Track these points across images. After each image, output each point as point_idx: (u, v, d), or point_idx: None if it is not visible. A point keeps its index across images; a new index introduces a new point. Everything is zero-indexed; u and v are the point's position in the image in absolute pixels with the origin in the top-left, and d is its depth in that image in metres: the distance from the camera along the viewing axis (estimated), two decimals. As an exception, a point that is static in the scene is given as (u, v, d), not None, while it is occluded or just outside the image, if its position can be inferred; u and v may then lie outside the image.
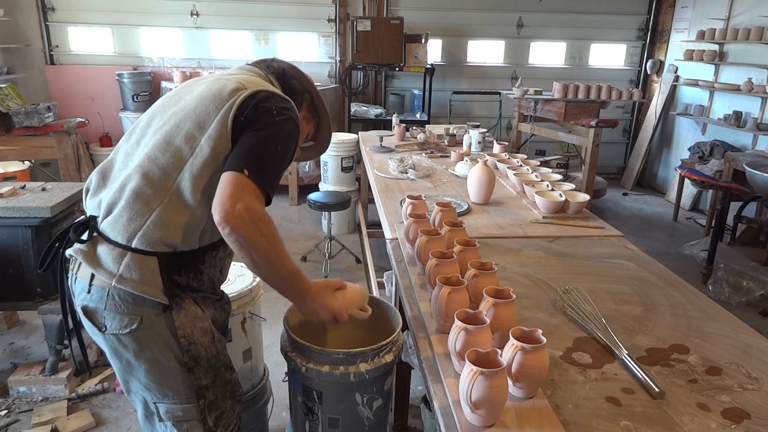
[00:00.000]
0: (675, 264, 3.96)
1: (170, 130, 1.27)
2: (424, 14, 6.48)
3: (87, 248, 1.27)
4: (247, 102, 1.27)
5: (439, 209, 1.87)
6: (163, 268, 1.25)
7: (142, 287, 1.23)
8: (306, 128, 1.54)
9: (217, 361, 1.37)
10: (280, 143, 1.26)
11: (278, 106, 1.29)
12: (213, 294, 1.41)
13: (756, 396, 1.15)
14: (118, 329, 1.26)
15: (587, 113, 5.13)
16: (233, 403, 1.43)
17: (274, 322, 2.77)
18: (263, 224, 1.17)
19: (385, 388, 1.71)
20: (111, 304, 1.25)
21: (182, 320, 1.28)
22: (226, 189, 1.15)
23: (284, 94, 1.39)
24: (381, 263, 3.90)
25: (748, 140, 5.37)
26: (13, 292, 2.53)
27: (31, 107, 4.12)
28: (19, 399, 2.54)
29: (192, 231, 1.26)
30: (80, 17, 6.07)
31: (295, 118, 1.32)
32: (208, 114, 1.26)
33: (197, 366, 1.31)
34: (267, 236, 1.18)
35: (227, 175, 1.17)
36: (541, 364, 1.06)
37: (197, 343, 1.31)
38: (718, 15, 5.75)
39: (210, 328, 1.35)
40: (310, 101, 1.52)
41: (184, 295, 1.29)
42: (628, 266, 1.81)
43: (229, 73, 1.42)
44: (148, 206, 1.23)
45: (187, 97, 1.33)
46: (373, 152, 3.66)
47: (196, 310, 1.32)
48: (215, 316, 1.40)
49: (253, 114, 1.26)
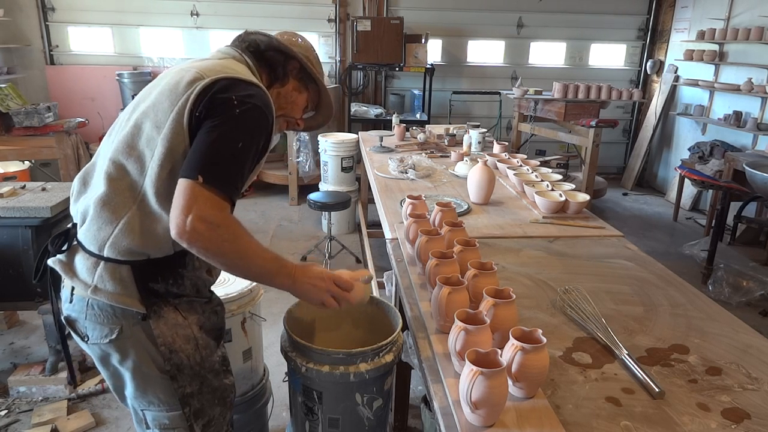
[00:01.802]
0: (675, 264, 3.96)
1: (131, 131, 1.19)
2: (424, 14, 6.48)
3: (66, 258, 1.25)
4: (203, 94, 1.15)
5: (439, 209, 1.87)
6: (137, 276, 1.20)
7: (116, 298, 1.19)
8: (299, 99, 1.42)
9: (202, 368, 1.31)
10: (241, 138, 1.14)
11: (239, 95, 1.16)
12: (198, 297, 1.33)
13: (756, 396, 1.15)
14: (99, 339, 1.23)
15: (587, 113, 5.13)
16: (223, 409, 1.38)
17: (274, 322, 2.77)
18: (222, 230, 1.09)
19: (385, 388, 1.71)
20: (91, 314, 1.22)
21: (162, 328, 1.23)
22: (177, 200, 1.07)
23: (256, 75, 1.29)
24: (381, 263, 3.90)
25: (748, 140, 5.37)
26: (13, 292, 2.53)
27: (31, 107, 4.12)
28: (19, 399, 2.54)
29: (162, 238, 1.19)
30: (80, 17, 6.07)
31: (262, 104, 1.19)
32: (164, 111, 1.16)
33: (180, 374, 1.27)
34: (229, 240, 1.10)
35: (180, 184, 1.08)
36: (541, 364, 1.06)
37: (179, 351, 1.26)
38: (718, 15, 5.75)
39: (193, 335, 1.29)
40: (299, 69, 1.38)
41: (162, 303, 1.24)
42: (628, 266, 1.80)
43: (197, 60, 1.30)
44: (116, 214, 1.18)
45: (153, 92, 1.23)
46: (373, 152, 3.66)
47: (177, 318, 1.26)
48: (202, 321, 1.33)
49: (209, 107, 1.14)
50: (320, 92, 1.45)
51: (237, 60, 1.30)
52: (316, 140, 4.97)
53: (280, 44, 1.36)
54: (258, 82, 1.25)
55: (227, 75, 1.19)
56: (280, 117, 1.39)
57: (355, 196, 4.85)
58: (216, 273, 1.40)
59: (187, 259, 1.27)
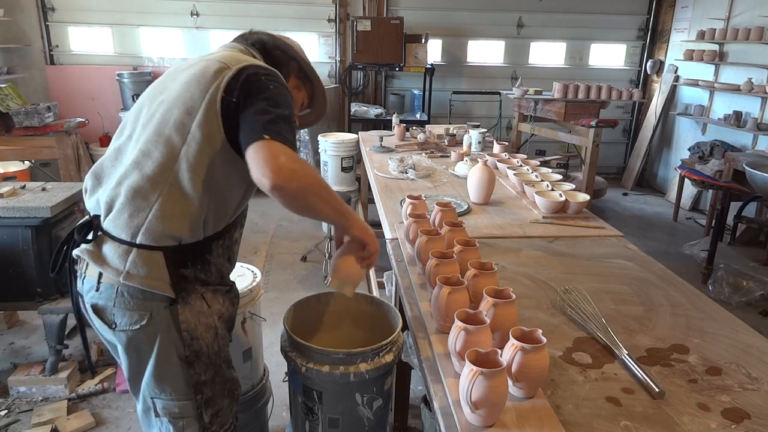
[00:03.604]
0: (675, 264, 3.96)
1: (159, 120, 1.26)
2: (424, 14, 6.48)
3: (92, 248, 1.27)
4: (234, 82, 1.25)
5: (439, 209, 1.87)
6: (169, 262, 1.25)
7: (149, 282, 1.23)
8: (298, 96, 1.52)
9: (218, 357, 1.36)
10: (282, 105, 1.25)
11: (268, 76, 1.29)
12: (222, 285, 1.40)
13: (756, 396, 1.15)
14: (128, 325, 1.26)
15: (587, 113, 5.13)
16: (231, 401, 1.43)
17: (274, 322, 2.77)
18: (307, 167, 1.22)
19: (385, 388, 1.71)
20: (120, 300, 1.25)
21: (187, 314, 1.28)
22: (258, 159, 1.15)
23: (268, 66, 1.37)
24: (381, 263, 3.89)
25: (748, 140, 5.37)
26: (13, 292, 2.53)
27: (31, 107, 4.12)
28: (19, 399, 2.54)
29: (195, 222, 1.26)
30: (80, 17, 6.07)
31: (284, 84, 1.32)
32: (194, 99, 1.24)
33: (198, 361, 1.31)
34: (313, 175, 1.22)
35: (252, 149, 1.16)
36: (541, 364, 1.06)
37: (199, 338, 1.31)
38: (718, 15, 5.75)
39: (214, 325, 1.34)
40: (298, 69, 1.50)
41: (191, 289, 1.29)
42: (628, 266, 1.80)
43: (211, 54, 1.38)
44: (147, 201, 1.22)
45: (171, 84, 1.31)
46: (373, 152, 3.66)
47: (202, 306, 1.31)
48: (222, 312, 1.38)
49: (246, 92, 1.24)
50: (314, 91, 1.56)
51: (245, 53, 1.39)
52: (316, 140, 4.97)
53: (284, 44, 1.46)
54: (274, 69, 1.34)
55: (249, 63, 1.30)
56: None
57: (355, 196, 4.85)
58: (234, 261, 1.47)
59: (213, 246, 1.34)
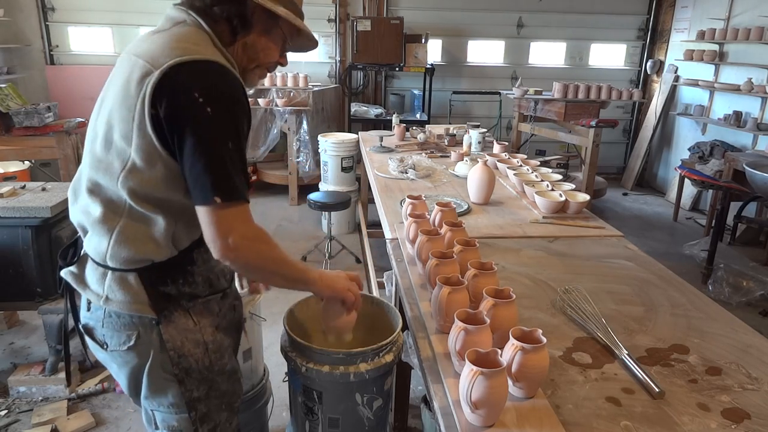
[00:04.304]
0: (675, 264, 3.96)
1: (102, 144, 1.14)
2: (424, 14, 6.48)
3: (77, 270, 1.24)
4: (158, 93, 1.05)
5: (439, 209, 1.87)
6: (146, 282, 1.18)
7: (128, 306, 1.18)
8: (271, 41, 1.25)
9: (211, 372, 1.29)
10: (228, 136, 1.07)
11: (202, 87, 1.05)
12: (213, 294, 1.30)
13: (756, 396, 1.15)
14: (118, 346, 1.23)
15: (587, 113, 5.13)
16: (229, 414, 1.37)
17: (274, 322, 2.76)
18: (259, 242, 1.14)
19: (385, 388, 1.71)
20: (108, 321, 1.21)
21: (171, 333, 1.22)
22: (209, 229, 1.08)
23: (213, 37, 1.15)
24: (381, 263, 3.90)
25: (748, 140, 5.37)
26: (13, 292, 2.53)
27: (31, 107, 4.12)
28: (19, 399, 2.54)
29: (162, 241, 1.16)
30: (80, 17, 6.07)
31: (227, 87, 1.09)
32: (126, 120, 1.08)
33: (188, 377, 1.26)
34: (267, 249, 1.16)
35: (202, 213, 1.08)
36: (541, 364, 1.06)
37: (188, 355, 1.24)
38: (718, 15, 5.75)
39: (203, 340, 1.26)
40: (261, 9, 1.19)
41: (174, 307, 1.22)
42: (628, 266, 1.80)
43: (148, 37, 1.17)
44: (107, 227, 1.15)
45: (108, 96, 1.15)
46: (373, 152, 3.66)
47: (187, 323, 1.24)
48: (217, 322, 1.31)
49: (174, 114, 1.05)
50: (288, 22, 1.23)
51: (189, 25, 1.16)
52: (316, 140, 4.97)
53: None
54: (213, 54, 1.11)
55: (178, 61, 1.05)
56: (254, 69, 1.27)
57: (355, 196, 4.85)
58: None
59: (196, 256, 1.24)
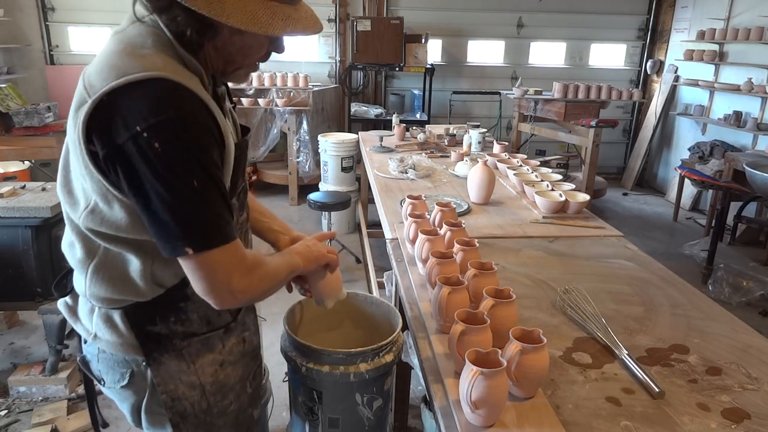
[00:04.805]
0: (675, 264, 3.96)
1: (66, 176, 1.02)
2: (424, 14, 6.48)
3: (71, 301, 1.17)
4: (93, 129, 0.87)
5: (439, 209, 1.87)
6: (132, 321, 1.06)
7: (115, 347, 1.09)
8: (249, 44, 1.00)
9: (209, 415, 1.16)
10: (190, 174, 0.87)
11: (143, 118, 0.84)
12: (212, 331, 1.14)
13: (756, 396, 1.15)
14: (113, 383, 1.14)
15: (587, 113, 5.13)
16: None
17: (274, 322, 2.76)
18: (254, 276, 1.00)
19: (385, 388, 1.71)
20: (102, 357, 1.13)
21: (162, 376, 1.09)
22: (200, 282, 0.94)
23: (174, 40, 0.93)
24: (381, 263, 3.90)
25: (748, 140, 5.37)
26: (13, 292, 2.53)
27: (31, 107, 4.12)
28: (19, 399, 2.54)
29: (138, 281, 1.03)
30: (80, 17, 6.07)
31: (175, 110, 0.86)
32: (76, 155, 0.93)
33: (184, 422, 1.14)
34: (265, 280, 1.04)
35: (182, 264, 0.94)
36: (541, 364, 1.06)
37: (182, 398, 1.12)
38: (718, 15, 5.75)
39: (199, 382, 1.13)
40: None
41: (166, 347, 1.09)
42: (628, 266, 1.80)
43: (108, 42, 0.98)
44: (84, 263, 1.05)
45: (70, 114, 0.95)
46: (373, 152, 3.66)
47: (179, 365, 1.10)
48: (221, 359, 1.16)
49: (113, 150, 0.86)
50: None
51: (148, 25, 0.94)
52: (316, 140, 4.97)
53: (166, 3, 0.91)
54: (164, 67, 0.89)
55: (113, 86, 0.86)
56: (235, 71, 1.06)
57: (355, 196, 4.85)
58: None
59: (189, 291, 1.03)
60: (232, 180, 1.05)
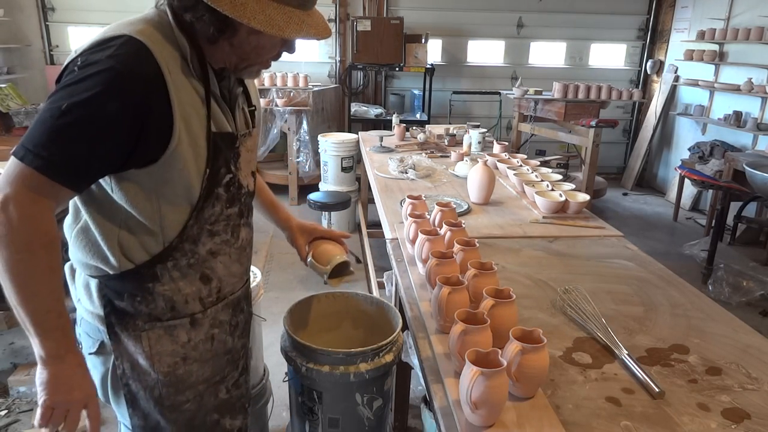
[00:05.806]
0: (675, 264, 3.96)
1: None
2: (424, 14, 6.48)
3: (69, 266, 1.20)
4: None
5: (439, 209, 1.87)
6: (101, 293, 1.09)
7: (89, 314, 1.13)
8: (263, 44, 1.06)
9: (159, 405, 1.15)
10: (72, 100, 0.89)
11: (90, 58, 0.92)
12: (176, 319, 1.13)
13: (756, 396, 1.15)
14: (87, 349, 1.17)
15: (587, 113, 5.13)
16: None
17: (274, 322, 2.76)
18: (29, 222, 0.92)
19: (385, 388, 1.71)
20: (83, 322, 1.17)
21: (120, 351, 1.11)
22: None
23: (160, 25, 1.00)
24: (381, 263, 3.90)
25: (748, 140, 5.37)
26: (13, 292, 2.52)
27: (31, 107, 4.13)
28: (19, 399, 2.54)
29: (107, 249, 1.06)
30: (80, 17, 6.07)
31: (120, 56, 0.92)
32: None
33: (135, 402, 1.15)
34: (23, 238, 0.92)
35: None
36: (541, 364, 1.06)
37: (136, 380, 1.13)
38: (718, 15, 5.75)
39: (153, 370, 1.12)
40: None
41: (127, 326, 1.10)
42: (628, 266, 1.80)
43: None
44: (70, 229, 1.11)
45: None
46: (373, 152, 3.66)
47: (136, 346, 1.11)
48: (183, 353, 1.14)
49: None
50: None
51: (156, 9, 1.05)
52: (316, 140, 4.97)
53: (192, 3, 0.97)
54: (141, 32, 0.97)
55: (87, 44, 0.97)
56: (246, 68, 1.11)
57: (355, 196, 4.85)
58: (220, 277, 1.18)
59: (160, 272, 1.08)
60: (212, 168, 1.08)
